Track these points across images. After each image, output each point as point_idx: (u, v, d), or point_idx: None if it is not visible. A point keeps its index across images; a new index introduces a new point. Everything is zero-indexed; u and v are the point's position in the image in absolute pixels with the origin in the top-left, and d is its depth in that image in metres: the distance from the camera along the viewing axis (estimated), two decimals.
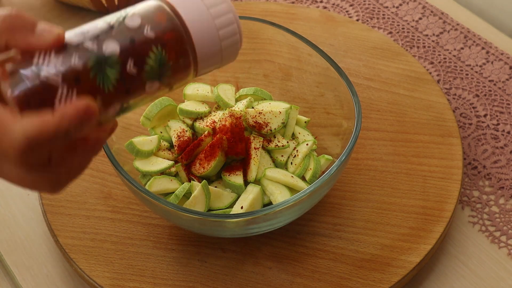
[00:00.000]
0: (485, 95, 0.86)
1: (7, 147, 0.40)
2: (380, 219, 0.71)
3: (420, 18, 0.96)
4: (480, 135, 0.82)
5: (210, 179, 0.69)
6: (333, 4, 0.98)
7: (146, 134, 0.73)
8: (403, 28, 0.95)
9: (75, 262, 0.68)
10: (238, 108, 0.72)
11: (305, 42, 0.72)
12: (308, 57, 0.74)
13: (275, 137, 0.71)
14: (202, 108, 0.73)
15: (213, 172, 0.68)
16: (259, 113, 0.70)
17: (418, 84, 0.83)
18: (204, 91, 0.75)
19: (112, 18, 0.45)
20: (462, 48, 0.92)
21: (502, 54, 0.91)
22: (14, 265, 0.71)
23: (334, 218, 0.71)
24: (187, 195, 0.67)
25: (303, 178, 0.69)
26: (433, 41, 0.93)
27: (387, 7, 0.98)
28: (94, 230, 0.70)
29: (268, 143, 0.70)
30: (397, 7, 0.98)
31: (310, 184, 0.65)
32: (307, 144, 0.70)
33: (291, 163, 0.70)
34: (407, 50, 0.91)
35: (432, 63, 0.90)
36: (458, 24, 0.95)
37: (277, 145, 0.70)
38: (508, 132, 0.82)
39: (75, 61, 0.42)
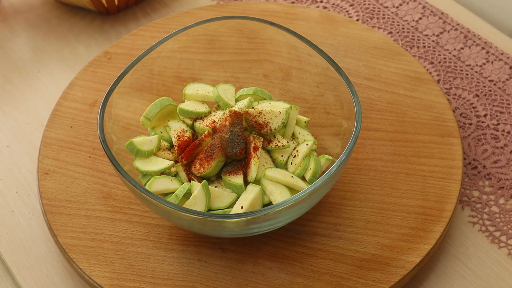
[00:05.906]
0: (485, 95, 0.86)
1: None
2: (380, 219, 0.71)
3: (420, 18, 0.96)
4: (480, 135, 0.82)
5: (210, 179, 0.69)
6: (333, 4, 0.98)
7: (146, 134, 0.73)
8: (403, 28, 0.95)
9: (75, 262, 0.68)
10: (238, 108, 0.72)
11: (305, 42, 0.72)
12: (308, 57, 0.74)
13: (275, 137, 0.71)
14: (202, 108, 0.73)
15: (213, 172, 0.68)
16: (259, 113, 0.70)
17: (418, 84, 0.83)
18: (204, 91, 0.75)
19: None
20: (462, 48, 0.92)
21: (502, 54, 0.91)
22: (14, 265, 0.71)
23: (334, 218, 0.71)
24: (187, 195, 0.67)
25: (303, 178, 0.69)
26: (433, 41, 0.93)
27: (387, 7, 0.98)
28: (94, 230, 0.70)
29: (268, 143, 0.70)
30: (397, 7, 0.98)
31: (310, 184, 0.65)
32: (307, 144, 0.70)
33: (291, 163, 0.70)
34: (407, 50, 0.91)
35: (432, 63, 0.90)
36: (458, 24, 0.95)
37: (277, 145, 0.70)
38: (508, 132, 0.82)
39: None
